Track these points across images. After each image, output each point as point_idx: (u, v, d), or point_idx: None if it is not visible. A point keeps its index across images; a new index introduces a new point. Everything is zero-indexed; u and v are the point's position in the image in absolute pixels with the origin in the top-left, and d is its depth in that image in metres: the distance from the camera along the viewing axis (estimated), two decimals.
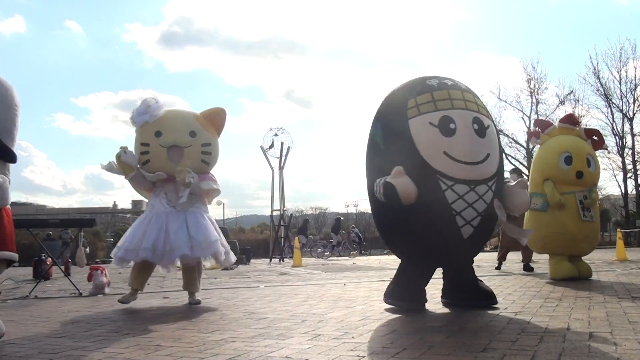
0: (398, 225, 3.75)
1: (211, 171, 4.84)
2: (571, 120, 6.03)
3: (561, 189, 5.57)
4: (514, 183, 3.82)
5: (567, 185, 5.59)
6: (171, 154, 4.50)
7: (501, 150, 3.87)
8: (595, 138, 5.91)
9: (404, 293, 3.79)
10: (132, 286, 4.66)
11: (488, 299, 3.79)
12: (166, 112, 4.65)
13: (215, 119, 4.86)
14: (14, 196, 4.25)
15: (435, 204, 3.43)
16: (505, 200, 3.73)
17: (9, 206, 2.90)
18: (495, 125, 3.84)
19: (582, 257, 5.97)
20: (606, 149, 6.65)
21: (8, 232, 2.85)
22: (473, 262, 4.03)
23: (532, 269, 7.65)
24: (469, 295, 3.82)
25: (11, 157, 2.75)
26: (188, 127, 4.61)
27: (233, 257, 4.88)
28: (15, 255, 2.87)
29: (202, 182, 4.57)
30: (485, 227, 3.61)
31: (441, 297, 4.02)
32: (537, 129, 6.08)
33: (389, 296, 3.89)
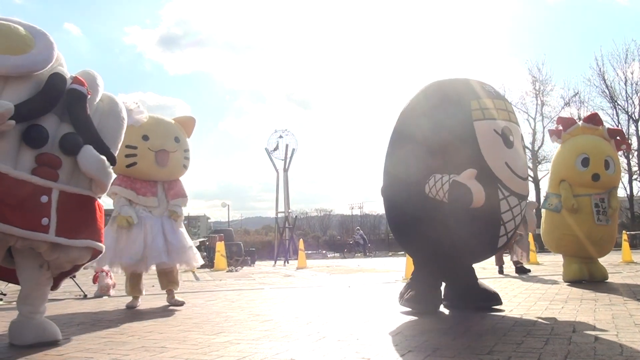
0: (428, 221, 3.56)
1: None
2: (594, 120, 5.91)
3: (577, 191, 5.50)
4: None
5: (583, 188, 5.52)
6: (158, 157, 4.69)
7: None
8: (618, 138, 5.84)
9: (420, 296, 3.75)
10: (131, 295, 4.86)
11: (492, 300, 3.77)
12: (149, 117, 4.78)
13: (188, 127, 5.12)
14: None
15: (490, 210, 3.40)
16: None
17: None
18: None
19: (599, 259, 5.87)
20: (628, 150, 6.48)
21: (100, 225, 3.05)
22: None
23: (527, 271, 7.61)
24: (473, 298, 3.79)
25: (113, 162, 3.06)
26: (173, 132, 4.87)
27: (200, 259, 5.03)
28: (102, 246, 3.04)
29: (176, 202, 4.87)
30: (511, 240, 3.75)
31: (443, 299, 3.98)
32: (559, 126, 5.98)
33: (405, 299, 3.84)
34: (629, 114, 29.50)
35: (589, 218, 5.49)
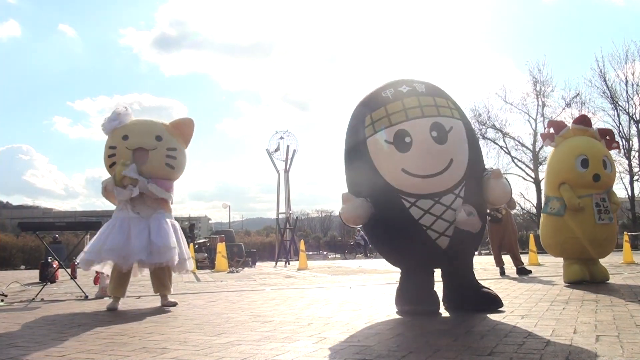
0: (381, 242, 3.80)
1: (177, 180, 5.00)
2: (585, 121, 5.91)
3: (578, 192, 5.46)
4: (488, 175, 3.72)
5: (584, 189, 5.48)
6: (136, 156, 4.68)
7: (476, 147, 3.70)
8: (608, 138, 5.83)
9: (413, 296, 3.75)
10: (113, 294, 4.82)
11: (493, 302, 3.76)
12: (135, 119, 4.86)
13: (183, 129, 5.04)
14: (17, 199, 4.35)
15: (403, 223, 3.42)
16: (486, 194, 3.64)
17: None
18: (465, 121, 3.69)
19: (600, 260, 5.85)
20: (618, 149, 6.48)
21: None
22: (472, 267, 3.94)
23: (528, 272, 7.61)
24: (473, 300, 3.78)
25: None
26: (154, 131, 4.82)
27: (190, 265, 5.02)
28: None
29: (151, 184, 4.68)
30: (463, 232, 3.45)
31: (442, 300, 3.93)
32: (550, 130, 5.96)
33: (400, 301, 3.84)
34: (630, 114, 29.45)
35: (592, 219, 5.46)
